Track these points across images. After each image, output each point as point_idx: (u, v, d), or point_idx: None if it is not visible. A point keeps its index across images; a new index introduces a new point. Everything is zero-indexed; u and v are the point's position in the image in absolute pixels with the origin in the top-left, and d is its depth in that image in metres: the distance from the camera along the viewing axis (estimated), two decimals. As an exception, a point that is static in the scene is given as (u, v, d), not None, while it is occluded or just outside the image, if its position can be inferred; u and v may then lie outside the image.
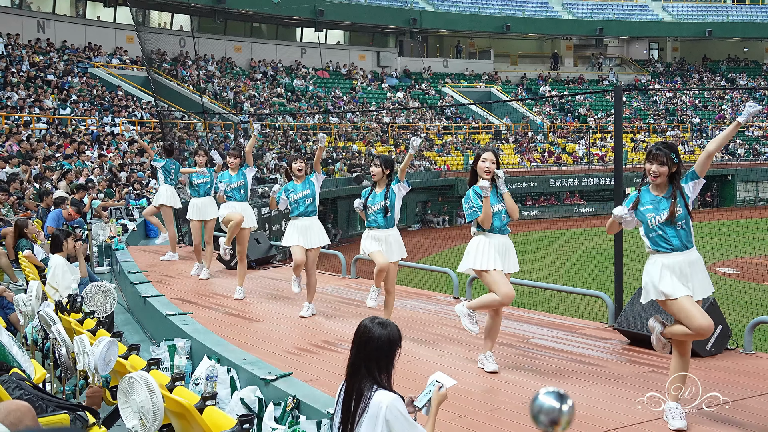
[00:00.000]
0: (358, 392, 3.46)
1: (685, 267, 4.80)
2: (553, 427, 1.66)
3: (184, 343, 6.92)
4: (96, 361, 4.95)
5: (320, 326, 7.76)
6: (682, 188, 4.84)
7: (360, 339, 3.56)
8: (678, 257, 4.81)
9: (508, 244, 6.04)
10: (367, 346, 3.52)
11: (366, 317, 3.69)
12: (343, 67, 43.75)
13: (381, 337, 3.54)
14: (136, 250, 13.34)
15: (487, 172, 5.92)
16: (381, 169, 7.12)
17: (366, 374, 3.48)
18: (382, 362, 3.53)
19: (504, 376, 5.89)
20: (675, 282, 4.77)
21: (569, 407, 1.67)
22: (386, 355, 3.54)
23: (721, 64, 53.21)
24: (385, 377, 3.52)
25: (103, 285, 7.53)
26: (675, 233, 4.81)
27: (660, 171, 4.82)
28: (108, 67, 31.55)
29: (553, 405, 1.67)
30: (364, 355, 3.51)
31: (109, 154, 20.99)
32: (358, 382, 3.48)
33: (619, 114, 7.72)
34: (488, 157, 5.94)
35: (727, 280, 16.69)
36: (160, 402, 4.06)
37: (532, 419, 1.68)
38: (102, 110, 26.11)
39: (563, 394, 1.68)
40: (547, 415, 1.66)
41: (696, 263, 4.84)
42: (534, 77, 49.50)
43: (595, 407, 5.08)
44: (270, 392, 5.42)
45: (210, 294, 9.56)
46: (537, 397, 1.69)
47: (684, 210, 4.83)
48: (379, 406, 3.39)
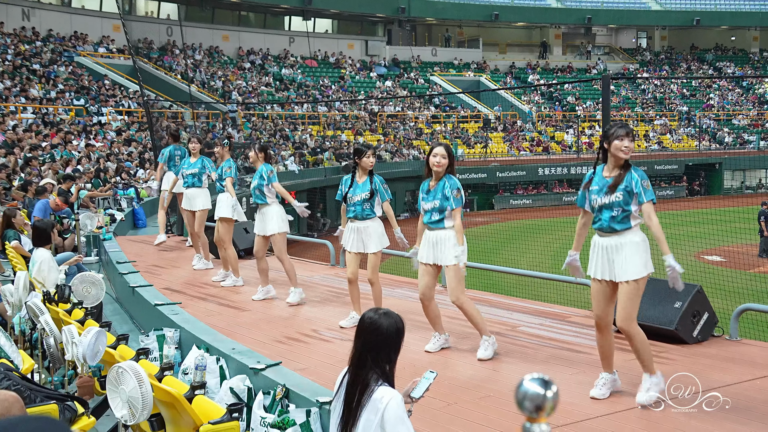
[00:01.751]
0: (364, 384, 3.44)
1: (608, 250, 4.91)
2: (537, 413, 1.68)
3: (173, 333, 6.92)
4: (84, 352, 4.95)
5: (309, 316, 7.77)
6: (633, 179, 4.87)
7: (366, 331, 3.53)
8: (604, 239, 4.94)
9: (438, 237, 6.06)
10: (376, 338, 3.50)
11: (368, 309, 3.68)
12: (332, 56, 43.65)
13: (390, 327, 3.53)
14: (124, 240, 13.31)
15: (437, 165, 6.00)
16: (374, 159, 7.13)
17: (372, 366, 3.47)
18: (392, 353, 3.54)
19: (492, 364, 5.93)
20: (593, 262, 5.01)
21: (554, 393, 1.69)
22: (394, 345, 3.55)
23: (709, 53, 53.39)
24: (390, 368, 3.52)
25: (92, 275, 7.51)
26: (609, 217, 4.91)
27: (631, 147, 4.91)
28: (94, 56, 31.35)
29: (538, 391, 1.69)
30: (372, 347, 3.49)
31: (97, 144, 20.90)
32: (365, 374, 3.46)
33: (607, 102, 7.76)
34: (439, 152, 6.03)
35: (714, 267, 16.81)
36: (149, 392, 4.07)
37: (517, 405, 1.70)
38: (88, 99, 25.96)
39: (548, 381, 1.70)
40: (531, 401, 1.68)
41: (622, 247, 4.87)
42: (523, 66, 49.52)
43: (582, 394, 5.12)
44: (259, 381, 5.44)
45: (199, 284, 9.56)
46: (522, 383, 1.71)
47: (626, 198, 4.86)
48: (381, 402, 3.38)
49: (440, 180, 6.05)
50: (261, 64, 39.88)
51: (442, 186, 6.03)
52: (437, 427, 4.61)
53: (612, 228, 4.89)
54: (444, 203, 5.99)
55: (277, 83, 38.35)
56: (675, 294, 6.27)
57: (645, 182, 4.87)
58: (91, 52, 31.60)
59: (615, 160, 4.97)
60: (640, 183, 4.85)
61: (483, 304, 8.25)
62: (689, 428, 4.57)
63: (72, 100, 25.28)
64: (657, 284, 6.84)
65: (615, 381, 5.16)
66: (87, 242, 12.28)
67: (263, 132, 31.41)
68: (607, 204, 4.92)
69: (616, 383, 5.16)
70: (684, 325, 6.28)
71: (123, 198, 16.30)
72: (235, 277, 9.41)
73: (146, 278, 9.44)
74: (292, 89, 38.19)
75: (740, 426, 4.60)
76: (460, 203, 6.01)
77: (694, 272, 15.82)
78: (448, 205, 5.98)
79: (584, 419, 4.72)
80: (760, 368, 5.74)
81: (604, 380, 5.12)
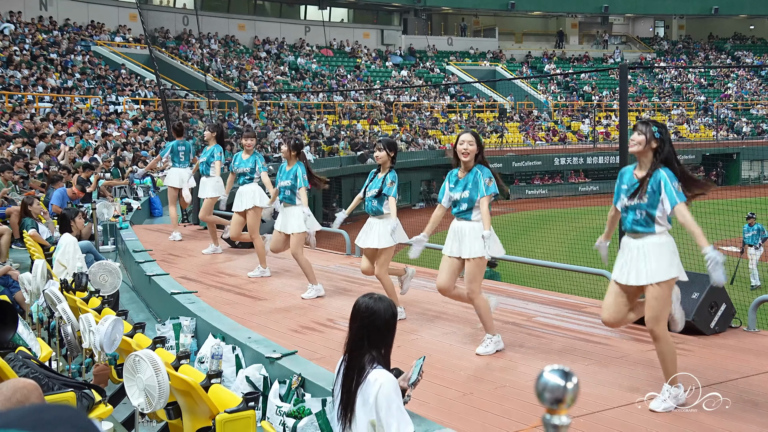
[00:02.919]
0: (360, 368, 3.48)
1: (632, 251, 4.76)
2: (557, 405, 1.66)
3: (189, 322, 6.94)
4: (101, 340, 4.97)
5: (324, 304, 7.78)
6: (662, 178, 4.69)
7: (362, 316, 3.59)
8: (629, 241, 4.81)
9: (463, 229, 5.91)
10: (372, 323, 3.55)
11: (364, 295, 3.70)
12: (347, 45, 43.55)
13: (385, 311, 3.58)
14: (140, 228, 13.37)
15: (464, 153, 5.87)
16: (385, 152, 6.97)
17: (368, 350, 3.51)
18: (388, 336, 3.57)
19: (508, 354, 5.91)
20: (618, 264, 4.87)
21: (574, 385, 1.67)
22: (390, 328, 3.58)
23: (728, 42, 52.83)
24: (386, 351, 3.56)
25: (108, 264, 7.55)
26: (632, 219, 4.76)
27: (637, 140, 4.76)
28: (111, 46, 31.44)
29: (558, 383, 1.67)
30: (368, 331, 3.55)
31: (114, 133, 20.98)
32: (360, 357, 3.50)
33: (624, 92, 7.67)
34: (465, 139, 5.91)
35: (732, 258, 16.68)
36: (166, 380, 4.08)
37: (536, 397, 1.68)
38: (105, 89, 26.06)
39: (568, 372, 1.68)
40: (551, 393, 1.66)
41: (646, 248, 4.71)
42: (539, 55, 49.22)
43: (599, 386, 5.09)
44: (275, 370, 5.44)
45: (215, 273, 9.59)
46: (542, 374, 1.69)
47: (651, 200, 4.69)
48: (375, 385, 3.40)
49: (471, 170, 5.91)
50: (277, 53, 39.86)
51: (474, 175, 5.89)
52: (454, 417, 4.59)
53: (634, 230, 4.77)
54: (474, 194, 5.84)
55: (292, 72, 38.32)
56: (692, 285, 6.23)
57: (675, 184, 4.66)
58: (108, 42, 31.70)
59: (637, 157, 4.84)
60: (669, 185, 4.66)
61: (498, 294, 8.22)
62: (709, 420, 4.53)
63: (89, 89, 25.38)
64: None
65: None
66: (104, 231, 12.34)
67: (279, 122, 31.42)
68: (631, 206, 4.78)
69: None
70: (701, 316, 6.24)
71: (139, 187, 16.36)
72: (263, 268, 9.33)
73: (162, 267, 9.47)
74: (307, 78, 38.16)
75: (760, 417, 4.55)
76: (492, 191, 5.83)
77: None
78: (478, 194, 5.82)
79: (601, 410, 4.69)
80: (779, 360, 5.69)
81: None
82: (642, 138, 4.77)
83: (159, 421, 4.96)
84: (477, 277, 5.88)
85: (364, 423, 3.42)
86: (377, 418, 3.37)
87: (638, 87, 46.68)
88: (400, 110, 38.30)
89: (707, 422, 4.51)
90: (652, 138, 4.76)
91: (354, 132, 33.47)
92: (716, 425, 4.47)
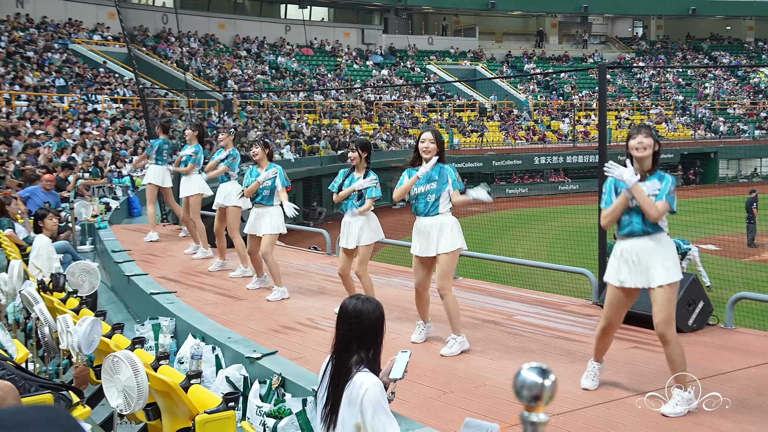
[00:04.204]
0: (347, 369, 3.46)
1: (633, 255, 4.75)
2: (535, 402, 1.67)
3: (169, 322, 6.90)
4: (79, 341, 4.93)
5: (305, 304, 7.76)
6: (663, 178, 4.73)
7: (350, 317, 3.54)
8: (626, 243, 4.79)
9: (431, 227, 5.93)
10: (360, 324, 3.51)
11: (346, 297, 3.68)
12: (328, 45, 43.49)
13: (374, 312, 3.55)
14: (119, 228, 13.27)
15: (425, 151, 5.93)
16: (357, 153, 6.94)
17: (356, 351, 3.48)
18: (376, 337, 3.55)
19: (488, 353, 5.93)
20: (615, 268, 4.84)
21: (552, 382, 1.68)
22: (378, 329, 3.55)
23: (705, 42, 53.32)
24: (375, 352, 3.53)
25: (87, 264, 7.48)
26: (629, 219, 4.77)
27: (646, 143, 4.73)
28: (89, 44, 31.18)
29: (536, 380, 1.68)
30: (356, 333, 3.50)
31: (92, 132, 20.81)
32: (348, 359, 3.48)
33: (603, 91, 7.73)
34: (427, 137, 5.97)
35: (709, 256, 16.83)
36: (145, 381, 4.05)
37: (515, 394, 1.69)
38: (84, 87, 25.85)
39: (546, 369, 1.69)
40: (529, 390, 1.67)
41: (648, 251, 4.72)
42: (519, 55, 49.42)
43: (578, 383, 5.12)
44: (255, 370, 5.43)
45: (194, 273, 9.54)
46: (520, 372, 1.70)
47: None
48: (361, 388, 3.39)
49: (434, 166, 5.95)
50: (257, 52, 39.73)
51: (439, 169, 5.94)
52: (434, 415, 4.60)
53: (647, 232, 4.72)
54: (442, 186, 5.91)
55: (273, 71, 38.22)
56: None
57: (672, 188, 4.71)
58: (86, 40, 31.43)
59: (636, 161, 4.78)
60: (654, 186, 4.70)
61: (479, 293, 8.26)
62: (688, 417, 4.57)
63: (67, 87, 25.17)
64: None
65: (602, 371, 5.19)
66: (82, 231, 12.25)
67: (259, 120, 31.32)
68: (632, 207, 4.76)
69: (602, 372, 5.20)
70: (679, 314, 6.25)
71: (118, 186, 16.24)
72: (244, 268, 9.27)
73: (141, 267, 9.41)
74: (288, 77, 38.06)
75: (735, 414, 4.60)
76: (459, 187, 5.93)
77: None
78: (447, 188, 5.90)
79: (580, 408, 4.72)
80: (756, 356, 5.76)
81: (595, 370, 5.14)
82: (651, 141, 4.76)
83: (138, 423, 4.93)
84: (448, 273, 5.92)
85: (348, 425, 3.41)
86: (363, 422, 3.36)
87: (617, 86, 47.01)
88: (381, 109, 38.31)
89: (686, 420, 4.54)
90: (656, 142, 4.80)
91: (334, 131, 33.43)
92: (694, 421, 4.51)
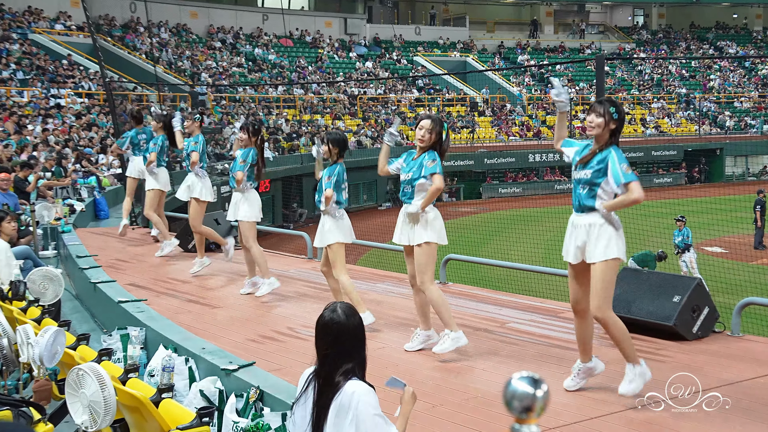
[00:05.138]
0: (334, 385, 3.45)
1: (578, 229, 4.99)
2: (526, 414, 1.68)
3: (138, 332, 6.88)
4: (41, 353, 4.91)
5: (284, 312, 7.76)
6: (614, 155, 4.87)
7: (328, 333, 3.53)
8: (574, 218, 5.05)
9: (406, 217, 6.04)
10: (340, 337, 3.50)
11: (324, 309, 3.64)
12: (308, 35, 43.48)
13: (351, 320, 3.54)
14: (84, 232, 13.21)
15: (420, 140, 5.98)
16: (328, 147, 6.99)
17: (341, 365, 3.48)
18: (360, 345, 3.54)
19: (480, 363, 5.95)
20: (566, 244, 5.09)
21: (544, 393, 1.69)
22: (359, 338, 3.55)
23: (710, 32, 53.68)
24: (361, 360, 3.53)
25: (49, 270, 7.45)
26: (577, 192, 5.00)
27: (595, 122, 4.92)
28: (51, 34, 31.01)
29: (527, 390, 1.69)
30: (339, 346, 3.49)
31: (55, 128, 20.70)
32: (335, 375, 3.47)
33: (601, 84, 7.78)
34: (424, 125, 5.99)
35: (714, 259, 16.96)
36: (113, 395, 4.04)
37: (505, 406, 1.70)
38: (45, 80, 25.71)
39: (538, 379, 1.70)
40: (520, 401, 1.69)
41: (590, 228, 4.93)
42: (512, 45, 49.58)
43: (575, 395, 5.15)
44: (231, 383, 5.42)
45: (166, 279, 9.52)
46: (510, 382, 1.71)
47: (595, 174, 4.89)
48: (351, 397, 3.39)
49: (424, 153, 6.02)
50: (232, 43, 39.66)
51: (422, 158, 6.01)
52: (423, 430, 4.61)
53: (581, 208, 4.99)
54: (417, 174, 5.96)
55: (249, 64, 38.16)
56: (674, 288, 6.33)
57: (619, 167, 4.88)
58: (48, 29, 31.25)
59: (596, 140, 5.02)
60: (613, 164, 4.88)
61: (470, 299, 8.28)
62: (685, 430, 4.60)
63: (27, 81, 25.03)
64: (655, 278, 6.90)
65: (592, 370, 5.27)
66: (44, 235, 12.18)
67: (235, 116, 31.27)
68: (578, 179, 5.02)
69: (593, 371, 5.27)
70: (683, 320, 6.33)
71: (83, 187, 16.16)
72: (200, 258, 9.57)
73: (109, 273, 9.38)
74: (265, 70, 38.02)
75: (741, 427, 4.64)
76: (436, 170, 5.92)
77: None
78: (420, 175, 5.94)
79: (576, 421, 4.74)
80: (764, 365, 5.79)
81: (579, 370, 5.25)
82: (601, 120, 4.92)
83: (105, 440, 4.91)
84: (427, 266, 5.97)
85: None
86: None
87: (616, 79, 47.25)
88: (365, 104, 38.33)
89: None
90: (611, 119, 4.93)
91: (316, 127, 33.41)
92: (698, 435, 4.54)
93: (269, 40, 41.41)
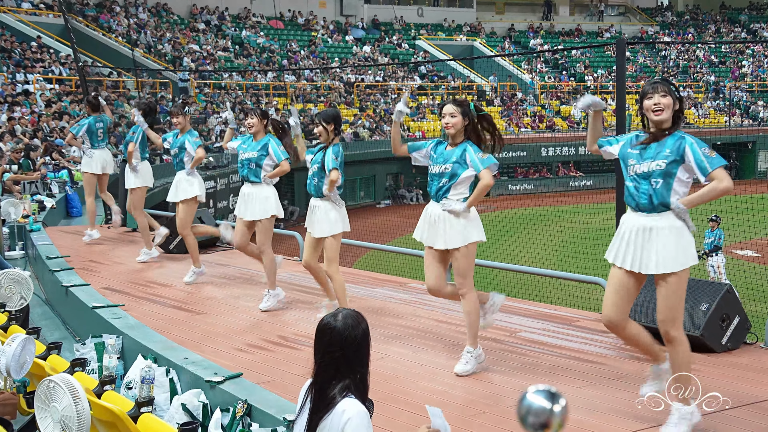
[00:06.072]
0: (330, 400, 3.45)
1: (640, 233, 4.76)
2: (542, 431, 1.69)
3: (115, 341, 6.88)
4: (8, 363, 4.91)
5: (275, 320, 7.77)
6: (686, 144, 4.74)
7: (328, 343, 3.51)
8: (639, 219, 4.80)
9: (437, 214, 5.91)
10: (343, 348, 3.48)
11: (325, 315, 3.64)
12: (300, 17, 43.47)
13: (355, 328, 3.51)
14: (55, 231, 13.22)
15: (447, 126, 5.86)
16: (322, 127, 7.06)
17: (342, 378, 3.47)
18: (364, 358, 3.53)
19: (488, 375, 5.95)
20: (618, 247, 4.85)
21: (562, 408, 1.70)
22: (362, 348, 3.53)
23: (742, 13, 53.64)
24: (362, 375, 3.51)
25: (16, 273, 7.45)
26: (644, 189, 4.76)
27: (663, 102, 4.70)
28: (18, 13, 31.00)
29: (544, 405, 1.70)
30: (340, 358, 3.48)
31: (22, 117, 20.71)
32: (332, 388, 3.46)
33: (622, 71, 7.77)
34: (447, 111, 5.87)
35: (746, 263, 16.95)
36: (87, 410, 4.05)
37: (519, 422, 1.71)
38: (11, 65, 25.71)
39: (555, 393, 1.71)
40: (536, 417, 1.69)
41: (658, 232, 4.73)
42: (523, 29, 49.54)
43: (593, 412, 5.15)
44: (216, 396, 5.43)
45: (144, 283, 9.52)
46: (525, 396, 1.71)
47: (668, 167, 4.74)
48: (341, 417, 3.38)
49: (458, 145, 5.88)
50: (217, 25, 39.65)
51: (463, 149, 5.85)
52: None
53: (653, 207, 4.78)
54: (459, 168, 5.82)
55: (236, 48, 38.15)
56: (701, 295, 6.32)
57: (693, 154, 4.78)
58: (14, 8, 31.24)
59: (652, 124, 4.81)
60: (689, 154, 4.79)
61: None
62: None
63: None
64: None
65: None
66: (10, 234, 12.18)
67: (220, 105, 31.28)
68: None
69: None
70: (711, 330, 6.32)
71: (54, 181, 16.17)
72: (197, 268, 9.35)
73: (82, 276, 9.39)
74: (254, 55, 38.01)
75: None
76: (489, 162, 5.82)
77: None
78: (465, 170, 5.81)
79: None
80: (799, 380, 5.80)
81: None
82: (669, 100, 4.74)
83: (78, 458, 4.92)
84: (471, 269, 5.90)
85: None
86: None
87: (638, 65, 47.23)
88: (363, 92, 38.34)
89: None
90: (676, 99, 4.79)
91: (309, 118, 33.41)
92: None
93: (257, 21, 41.39)
